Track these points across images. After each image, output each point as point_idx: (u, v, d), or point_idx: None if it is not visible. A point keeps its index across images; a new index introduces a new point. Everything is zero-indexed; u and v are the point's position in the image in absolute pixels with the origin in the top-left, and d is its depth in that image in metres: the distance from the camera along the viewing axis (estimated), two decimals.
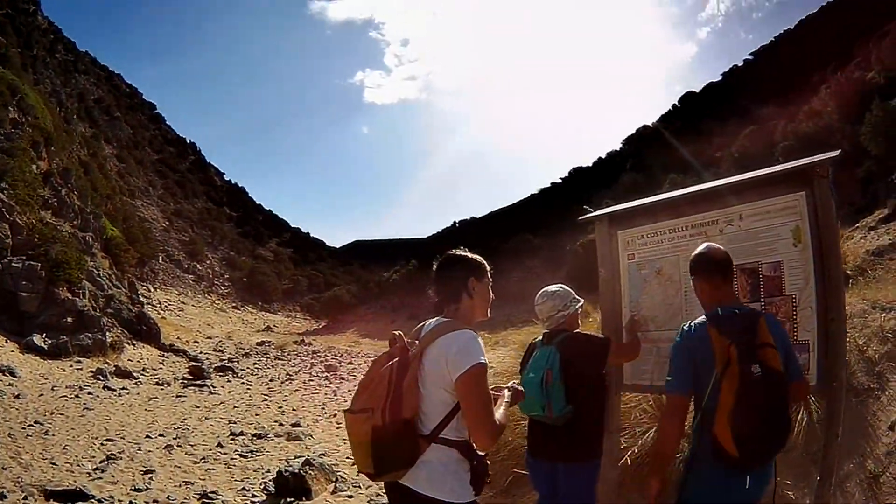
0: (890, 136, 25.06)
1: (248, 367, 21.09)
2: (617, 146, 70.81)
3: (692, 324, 3.40)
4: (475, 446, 2.94)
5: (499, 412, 2.96)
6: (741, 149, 38.32)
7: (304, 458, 8.10)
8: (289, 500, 6.93)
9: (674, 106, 76.47)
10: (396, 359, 2.97)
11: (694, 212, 4.70)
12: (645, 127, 71.33)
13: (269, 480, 7.55)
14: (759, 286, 4.20)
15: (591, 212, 5.50)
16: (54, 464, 7.96)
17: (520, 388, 3.37)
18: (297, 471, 7.39)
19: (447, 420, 2.91)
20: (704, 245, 3.64)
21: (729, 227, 4.42)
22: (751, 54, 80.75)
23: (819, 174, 3.93)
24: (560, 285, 4.59)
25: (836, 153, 4.02)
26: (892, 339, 5.64)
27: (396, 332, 3.13)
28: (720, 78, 78.39)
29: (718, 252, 3.55)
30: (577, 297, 4.54)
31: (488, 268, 3.27)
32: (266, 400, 14.64)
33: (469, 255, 3.25)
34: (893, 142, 24.91)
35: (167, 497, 6.89)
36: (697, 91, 77.16)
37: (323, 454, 9.12)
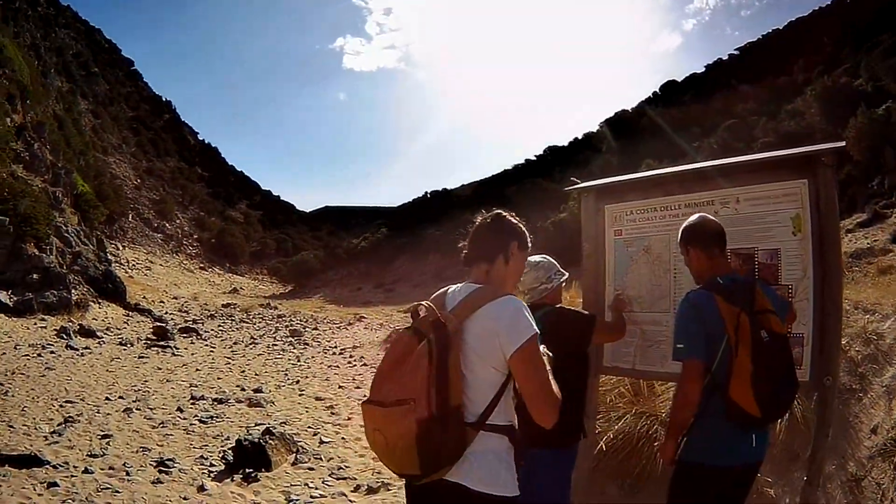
0: (873, 143, 25.56)
1: (212, 329, 20.80)
2: (594, 128, 69.62)
3: (694, 293, 3.36)
4: (542, 426, 2.57)
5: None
6: (721, 141, 38.24)
7: (264, 427, 7.88)
8: (247, 470, 6.68)
9: (654, 93, 75.53)
10: (431, 336, 2.51)
11: (688, 191, 4.49)
12: (623, 111, 70.48)
13: (229, 449, 7.28)
14: (754, 273, 4.04)
15: (579, 183, 5.15)
16: (12, 426, 7.76)
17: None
18: (256, 440, 7.12)
19: (494, 403, 2.58)
20: (697, 216, 3.58)
21: (725, 209, 4.22)
22: (736, 49, 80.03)
23: (824, 163, 3.79)
24: (544, 256, 4.27)
25: (841, 144, 3.98)
26: (875, 341, 5.64)
27: (423, 303, 2.72)
28: (703, 70, 77.72)
29: (714, 223, 3.51)
30: (562, 269, 4.27)
31: (530, 242, 3.00)
32: (229, 363, 14.41)
33: (517, 220, 2.96)
34: (876, 150, 25.49)
35: (123, 464, 6.68)
36: (679, 80, 76.51)
37: (284, 422, 8.95)
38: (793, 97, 40.83)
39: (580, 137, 69.72)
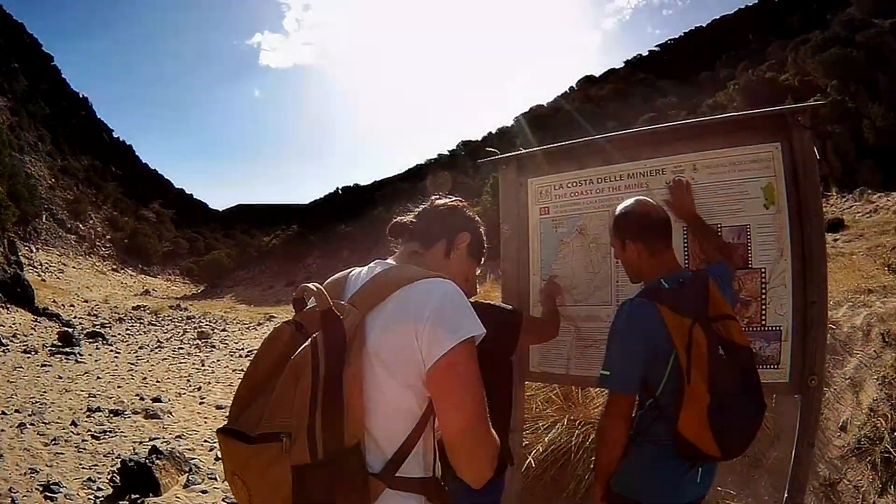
0: None
1: (119, 333, 20.16)
2: (509, 123, 69.18)
3: (632, 303, 2.63)
4: (467, 481, 1.73)
5: None
6: None
7: (152, 445, 7.50)
8: (133, 496, 6.19)
9: (571, 88, 75.55)
10: (318, 334, 1.63)
11: (632, 158, 3.60)
12: (539, 105, 70.33)
13: (116, 470, 6.82)
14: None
15: (497, 154, 4.19)
16: None
17: None
18: (142, 461, 6.61)
19: (411, 442, 1.71)
20: (633, 200, 2.83)
21: (679, 179, 3.41)
22: (657, 45, 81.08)
23: (800, 123, 3.09)
24: None
25: (823, 102, 3.37)
26: (832, 330, 5.40)
27: (311, 286, 1.77)
28: (622, 65, 78.43)
29: (656, 209, 2.79)
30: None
31: (484, 254, 2.34)
32: (132, 370, 13.89)
33: (480, 223, 2.26)
34: None
35: (10, 489, 6.33)
36: (597, 76, 76.84)
37: (180, 436, 8.68)
38: (714, 92, 41.27)
39: (494, 132, 69.45)
